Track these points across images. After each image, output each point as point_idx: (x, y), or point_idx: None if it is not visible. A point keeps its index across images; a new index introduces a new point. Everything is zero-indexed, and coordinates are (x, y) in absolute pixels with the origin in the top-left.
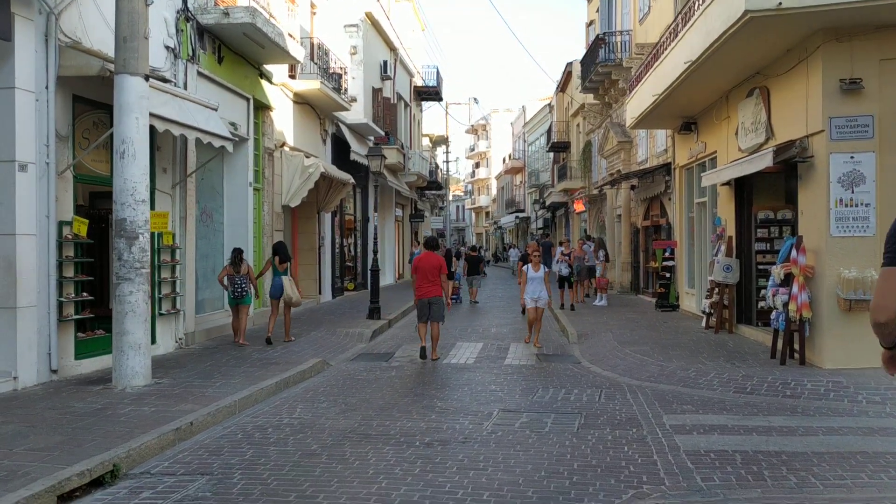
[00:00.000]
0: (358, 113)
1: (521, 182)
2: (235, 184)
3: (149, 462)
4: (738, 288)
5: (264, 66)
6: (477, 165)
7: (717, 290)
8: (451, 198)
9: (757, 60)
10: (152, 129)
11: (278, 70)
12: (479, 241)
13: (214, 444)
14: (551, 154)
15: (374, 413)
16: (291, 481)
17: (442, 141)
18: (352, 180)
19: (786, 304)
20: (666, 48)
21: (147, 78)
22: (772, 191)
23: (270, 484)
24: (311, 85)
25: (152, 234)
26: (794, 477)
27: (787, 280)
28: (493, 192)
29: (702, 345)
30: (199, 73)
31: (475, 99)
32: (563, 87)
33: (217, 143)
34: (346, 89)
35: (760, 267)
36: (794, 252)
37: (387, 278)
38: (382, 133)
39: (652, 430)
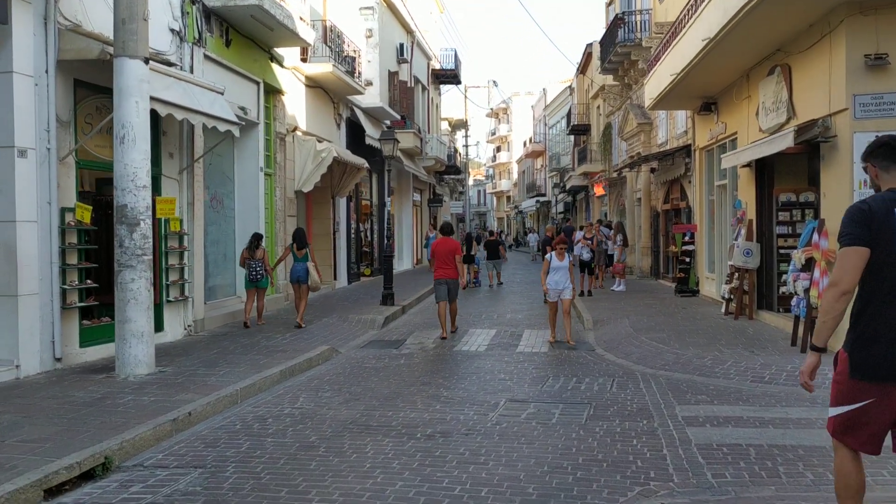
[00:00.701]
0: (373, 97)
1: (541, 166)
2: (246, 169)
3: (143, 454)
4: (758, 273)
5: (275, 49)
6: (498, 149)
7: (737, 275)
8: (471, 182)
9: (778, 37)
10: (155, 113)
11: (290, 53)
12: (501, 226)
13: (212, 435)
14: (572, 137)
15: (377, 403)
16: (285, 475)
17: (461, 125)
18: (366, 165)
19: (807, 290)
20: (684, 26)
21: (147, 61)
22: (794, 172)
23: (263, 478)
24: (323, 68)
25: (159, 221)
26: (811, 473)
27: (809, 265)
28: (515, 176)
29: (720, 331)
30: (206, 57)
31: (494, 82)
32: (583, 69)
33: (223, 127)
34: (359, 73)
35: (782, 251)
36: (815, 236)
37: (404, 263)
38: (398, 117)
39: (663, 422)
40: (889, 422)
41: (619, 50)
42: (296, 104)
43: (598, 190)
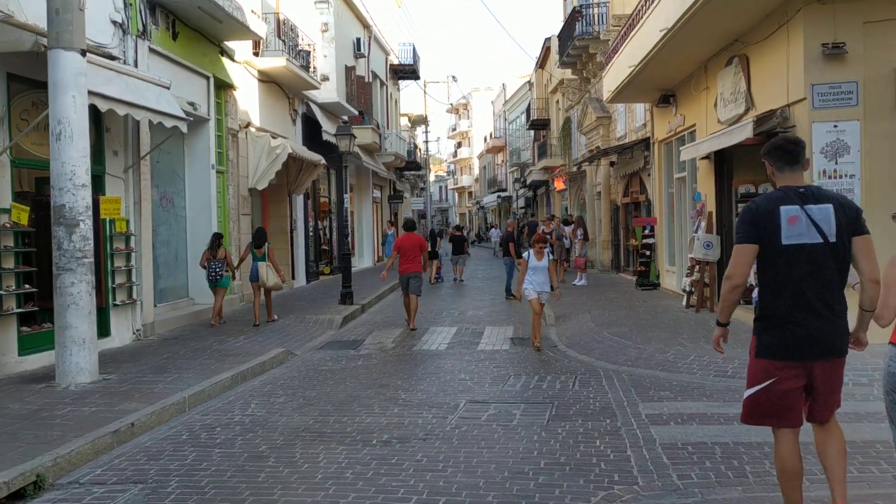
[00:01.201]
0: (330, 92)
1: (502, 161)
2: (197, 167)
3: (80, 470)
4: (719, 265)
5: (225, 43)
6: (459, 145)
7: (697, 267)
8: (433, 178)
9: (735, 27)
10: (96, 109)
11: (242, 48)
12: (463, 222)
13: (156, 446)
14: (532, 132)
15: (332, 408)
16: (231, 489)
17: (421, 120)
18: (323, 161)
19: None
20: (642, 16)
21: (84, 53)
22: (753, 164)
23: (207, 493)
24: (276, 62)
25: (103, 221)
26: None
27: None
28: (476, 171)
29: (682, 325)
30: (152, 50)
31: (454, 77)
32: (542, 63)
33: (169, 122)
34: (314, 67)
35: None
36: None
37: (365, 261)
38: (356, 112)
39: (627, 421)
40: (798, 394)
41: (577, 43)
42: (249, 99)
43: (559, 184)
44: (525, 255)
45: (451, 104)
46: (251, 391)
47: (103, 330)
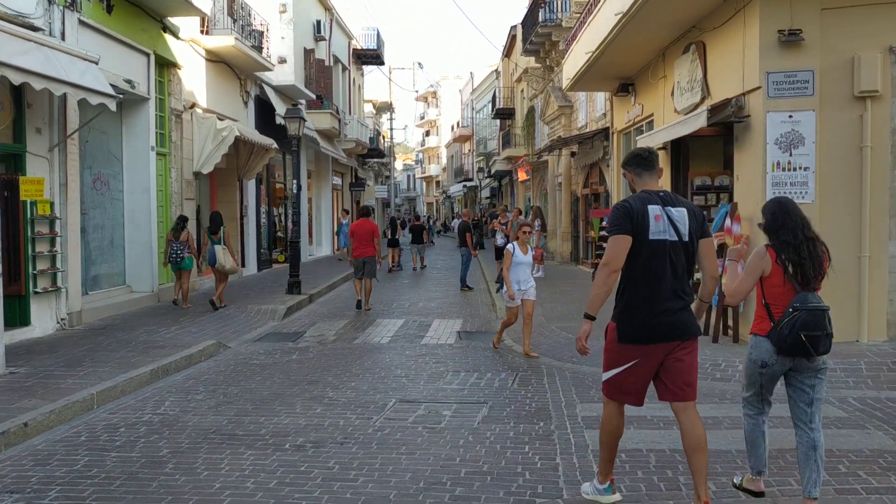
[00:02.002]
0: (287, 74)
1: (469, 150)
2: (136, 148)
3: None
4: None
5: (168, 18)
6: (427, 133)
7: None
8: (401, 167)
9: (692, 13)
10: (13, 84)
11: (188, 25)
12: (430, 211)
13: (48, 449)
14: (498, 121)
15: (252, 407)
16: (116, 500)
17: (386, 107)
18: (274, 145)
19: (719, 278)
20: (599, 1)
21: None
22: (709, 155)
23: None
24: (224, 41)
25: (24, 203)
26: (714, 484)
27: (721, 250)
28: (444, 161)
29: None
30: (83, 23)
31: (419, 64)
32: (508, 52)
33: (95, 99)
34: (268, 48)
35: None
36: (728, 221)
37: (323, 249)
38: (313, 96)
39: (561, 424)
40: (650, 377)
41: (540, 31)
42: (195, 79)
43: (522, 175)
44: (509, 246)
45: (417, 91)
46: (171, 387)
47: (23, 319)
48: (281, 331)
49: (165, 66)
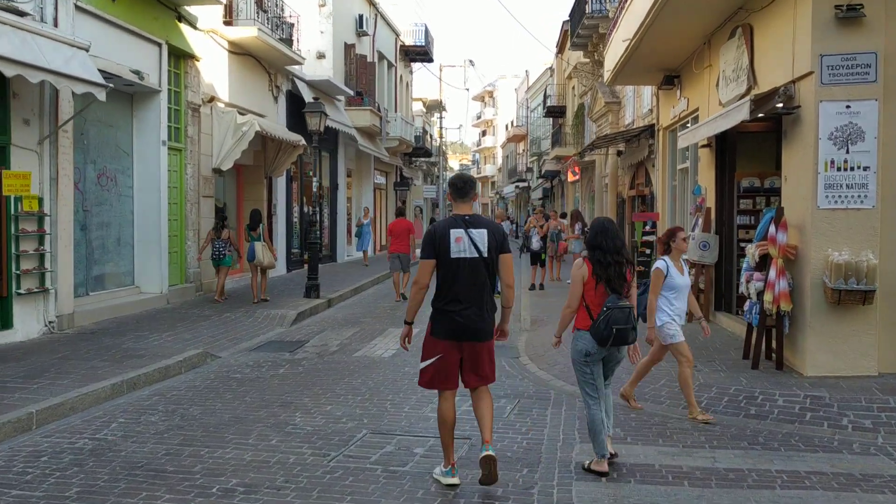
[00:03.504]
0: (326, 70)
1: (523, 150)
2: (146, 142)
3: None
4: (716, 268)
5: (184, 7)
6: (483, 133)
7: (692, 271)
8: (457, 167)
9: None
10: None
11: (209, 15)
12: (485, 212)
13: None
14: (551, 120)
15: (202, 434)
16: None
17: (436, 106)
18: (302, 141)
19: (761, 294)
20: None
21: None
22: (760, 154)
23: None
24: (247, 32)
25: (7, 199)
26: None
27: (764, 262)
28: (499, 161)
29: None
30: (81, 9)
31: (471, 61)
32: (560, 48)
33: (80, 88)
34: (297, 40)
35: (743, 244)
36: (772, 228)
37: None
38: (351, 92)
39: (548, 473)
40: (456, 366)
41: (587, 22)
42: (216, 72)
43: (570, 175)
44: (660, 264)
45: (468, 90)
46: (129, 405)
47: (3, 321)
48: (284, 339)
49: (182, 57)
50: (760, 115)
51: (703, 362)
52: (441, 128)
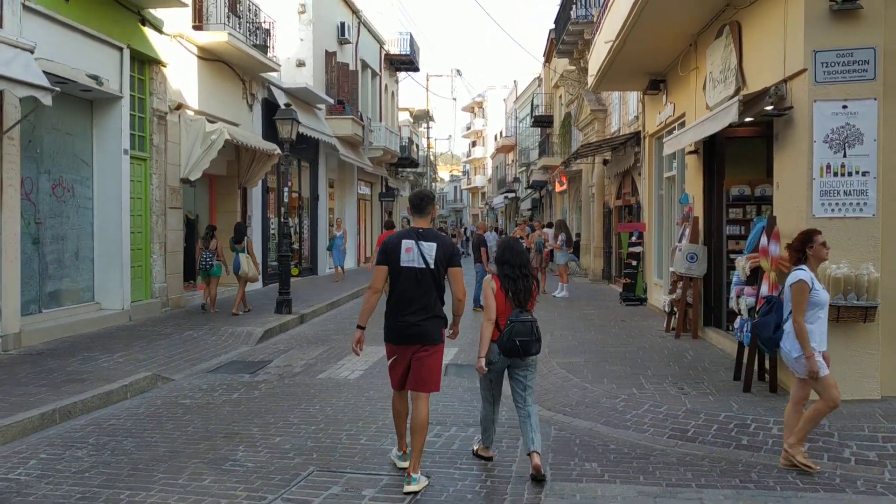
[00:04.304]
0: (306, 77)
1: (512, 161)
2: (107, 151)
3: None
4: (705, 281)
5: (148, 10)
6: (473, 144)
7: (680, 284)
8: (447, 178)
9: None
10: None
11: (178, 19)
12: (475, 223)
13: None
14: (539, 130)
15: (127, 472)
16: None
17: (423, 116)
18: (277, 150)
19: (753, 310)
20: None
21: None
22: (749, 160)
23: None
24: (216, 37)
25: None
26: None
27: (756, 276)
28: (489, 171)
29: (652, 355)
30: (28, 9)
31: (458, 71)
32: (548, 57)
33: (21, 91)
34: (273, 47)
35: (732, 256)
36: (764, 239)
37: (348, 262)
38: (331, 101)
39: None
40: (405, 369)
41: (572, 28)
42: (184, 78)
43: (558, 185)
44: (803, 274)
45: (455, 99)
46: (57, 437)
47: None
48: (246, 359)
49: (147, 62)
50: (750, 118)
51: (691, 384)
52: (428, 138)
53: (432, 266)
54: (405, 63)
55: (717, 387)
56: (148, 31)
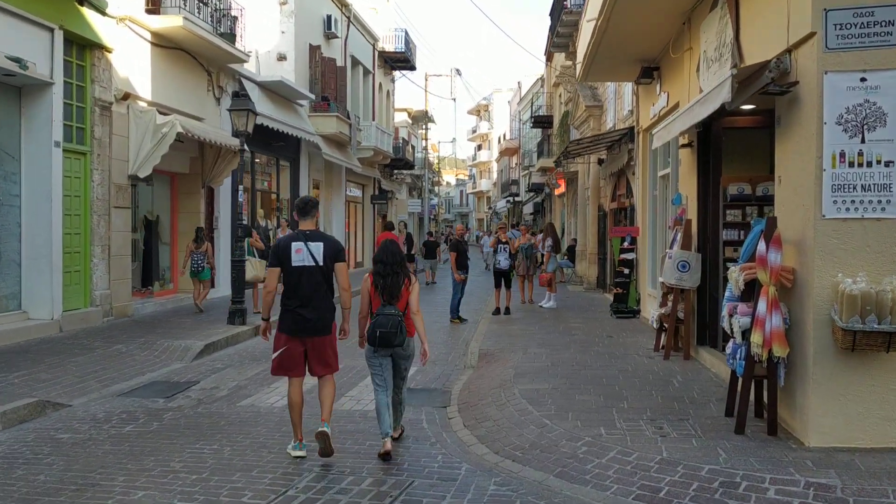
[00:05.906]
0: (287, 72)
1: (516, 164)
2: (37, 143)
3: None
4: (699, 294)
5: None
6: (479, 148)
7: (670, 296)
8: (453, 181)
9: None
10: None
11: (126, 0)
12: (481, 227)
13: None
14: (540, 131)
15: None
16: None
17: (422, 116)
18: (238, 145)
19: (747, 332)
20: None
21: None
22: (750, 155)
23: None
24: (171, 22)
25: None
26: None
27: (752, 291)
28: (494, 175)
29: (633, 381)
30: None
31: (457, 70)
32: (549, 56)
33: None
34: (241, 36)
35: (729, 265)
36: (762, 245)
37: None
38: (312, 96)
39: None
40: (300, 357)
41: (566, 18)
42: (134, 66)
43: (557, 188)
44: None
45: (454, 100)
46: None
47: None
48: (171, 379)
49: (87, 47)
50: (751, 105)
51: (673, 422)
52: (427, 139)
53: (321, 263)
54: (400, 61)
55: (703, 426)
56: (87, 11)
